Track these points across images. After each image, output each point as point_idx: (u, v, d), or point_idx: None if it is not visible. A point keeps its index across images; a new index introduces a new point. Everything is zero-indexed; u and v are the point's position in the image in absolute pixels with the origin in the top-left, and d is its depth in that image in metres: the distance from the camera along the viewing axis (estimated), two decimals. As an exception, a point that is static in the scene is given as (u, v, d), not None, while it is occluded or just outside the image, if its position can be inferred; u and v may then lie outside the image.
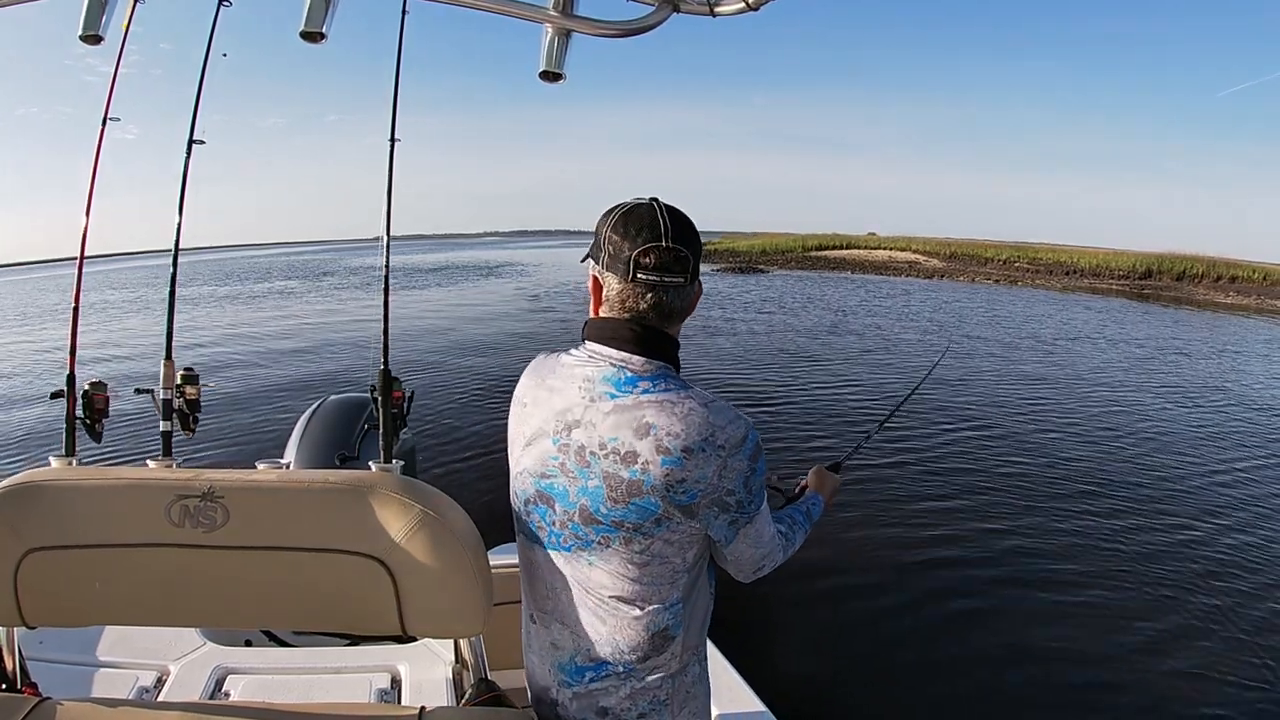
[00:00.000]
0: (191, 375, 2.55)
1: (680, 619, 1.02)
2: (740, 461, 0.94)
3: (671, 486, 0.92)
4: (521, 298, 18.83)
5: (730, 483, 0.94)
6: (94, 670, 1.71)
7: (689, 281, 0.98)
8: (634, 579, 0.98)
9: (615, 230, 0.96)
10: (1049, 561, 4.11)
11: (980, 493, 5.14)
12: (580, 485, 0.96)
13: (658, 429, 0.92)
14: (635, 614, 1.00)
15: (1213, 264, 26.83)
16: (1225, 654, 3.24)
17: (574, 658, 1.04)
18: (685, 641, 1.04)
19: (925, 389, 2.13)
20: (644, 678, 1.02)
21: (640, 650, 1.01)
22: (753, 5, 0.99)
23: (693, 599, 1.04)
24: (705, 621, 1.09)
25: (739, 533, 1.00)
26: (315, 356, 10.43)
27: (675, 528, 0.96)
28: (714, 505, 0.95)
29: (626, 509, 0.94)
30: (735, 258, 33.72)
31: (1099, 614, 3.57)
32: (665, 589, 1.00)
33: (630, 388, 0.95)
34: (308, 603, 1.10)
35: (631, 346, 0.97)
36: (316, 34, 1.05)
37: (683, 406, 0.93)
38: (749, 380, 8.76)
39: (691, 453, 0.92)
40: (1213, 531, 4.59)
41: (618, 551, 0.97)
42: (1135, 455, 6.15)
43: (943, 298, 19.91)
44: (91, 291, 19.11)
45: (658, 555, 0.97)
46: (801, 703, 2.20)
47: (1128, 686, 3.04)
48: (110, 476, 1.07)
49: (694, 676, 1.08)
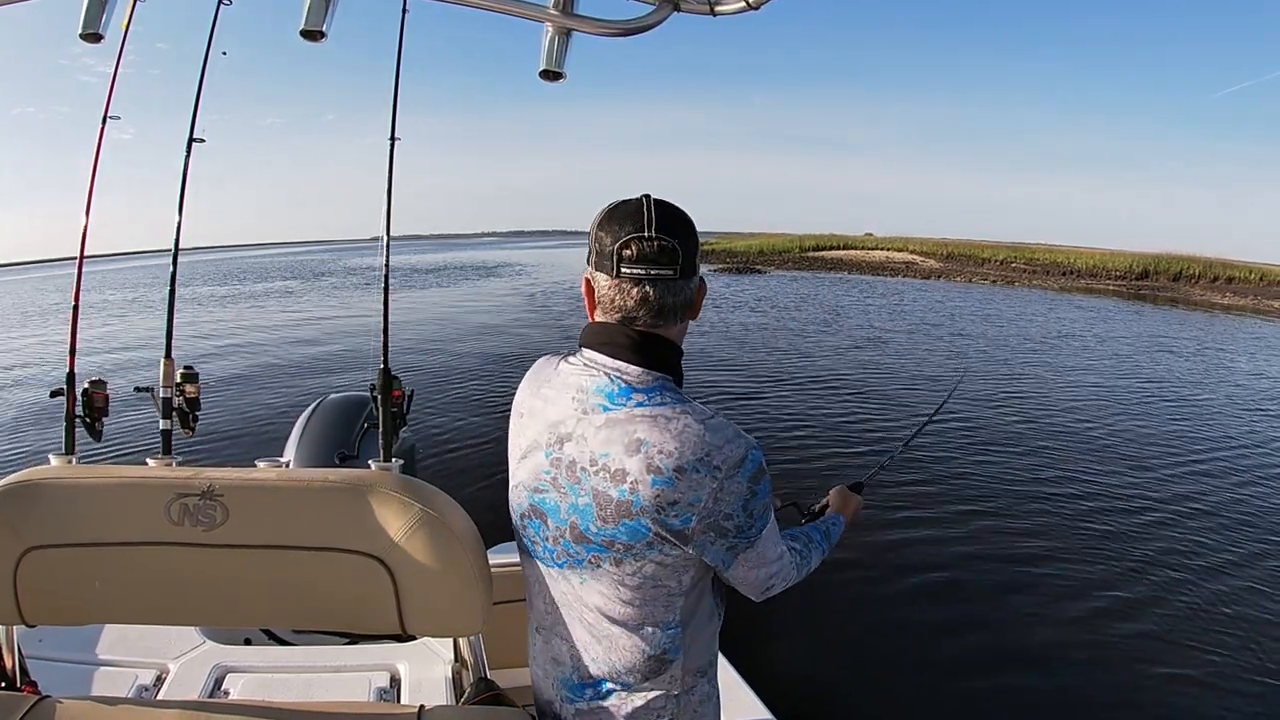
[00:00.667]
0: (191, 374, 2.55)
1: (679, 643, 0.97)
2: (738, 484, 0.88)
3: (663, 509, 0.87)
4: (520, 297, 18.85)
5: (728, 506, 0.88)
6: (93, 669, 1.71)
7: (679, 275, 0.91)
8: (626, 601, 0.94)
9: (601, 227, 0.92)
10: (1062, 567, 4.09)
11: (990, 499, 5.13)
12: (571, 502, 0.92)
13: (649, 445, 0.86)
14: (630, 636, 0.96)
15: (1209, 264, 26.92)
16: (1233, 654, 3.25)
17: (574, 674, 1.01)
18: (686, 665, 0.99)
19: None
20: (646, 696, 0.98)
21: (638, 672, 0.97)
22: (753, 4, 0.99)
23: (694, 623, 0.99)
24: (712, 644, 1.05)
25: (738, 558, 0.94)
26: (315, 355, 10.43)
27: (668, 552, 0.90)
28: (710, 530, 0.89)
29: (616, 529, 0.89)
30: (733, 258, 33.75)
31: (1109, 621, 3.57)
32: (660, 612, 0.95)
33: (624, 400, 0.90)
34: (307, 601, 1.10)
35: (628, 355, 0.92)
36: (316, 33, 1.04)
37: (678, 423, 0.88)
38: (755, 390, 8.46)
39: (684, 473, 0.86)
40: (1229, 535, 4.60)
41: (609, 572, 0.93)
42: (1157, 466, 6.06)
43: (947, 301, 19.83)
44: (89, 291, 19.07)
45: (650, 578, 0.92)
46: (805, 706, 2.20)
47: (1132, 688, 3.04)
48: (110, 475, 1.07)
49: (701, 696, 1.03)
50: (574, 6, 1.06)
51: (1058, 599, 3.75)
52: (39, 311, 19.43)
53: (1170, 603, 3.70)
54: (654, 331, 0.93)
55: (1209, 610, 3.64)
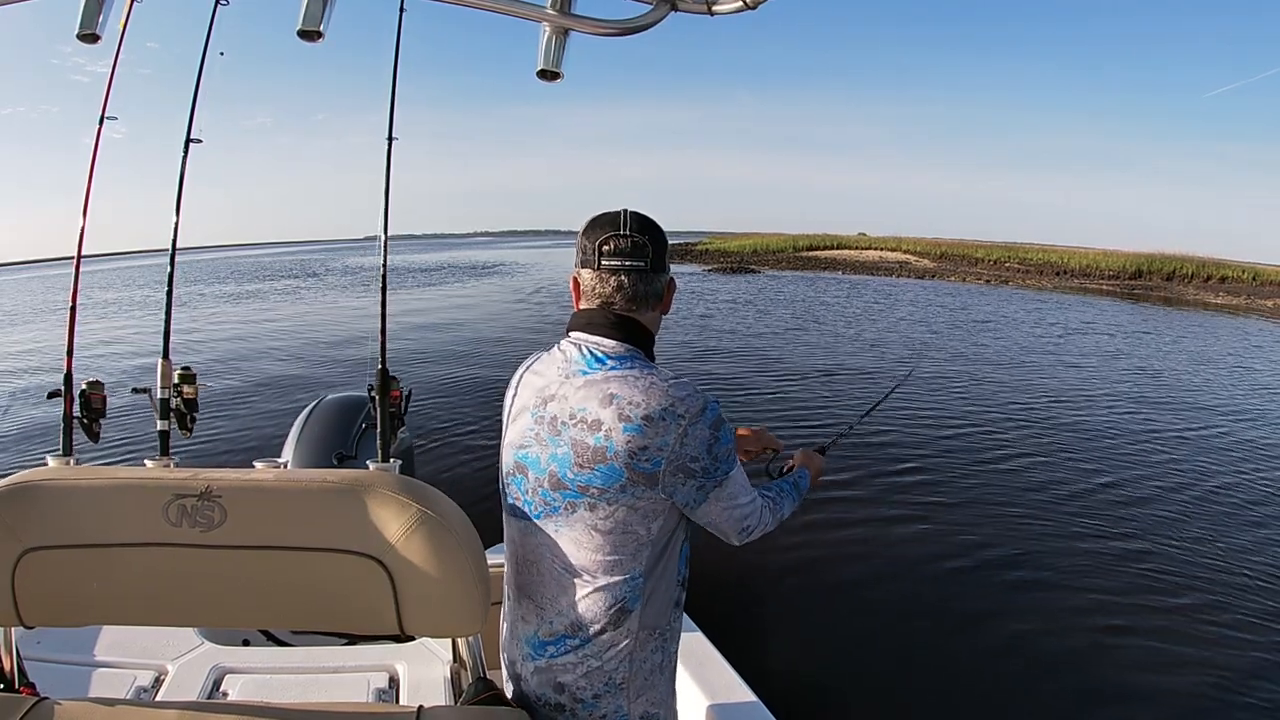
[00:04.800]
0: (189, 374, 2.54)
1: (639, 593, 1.06)
2: (701, 429, 1.01)
3: (634, 454, 0.99)
4: (516, 296, 18.84)
5: (693, 449, 1.01)
6: (92, 670, 1.71)
7: (650, 268, 1.07)
8: (596, 548, 1.04)
9: (586, 233, 1.09)
10: (1041, 553, 4.18)
11: (970, 482, 5.25)
12: (551, 452, 1.04)
13: (620, 399, 1.00)
14: (595, 584, 1.05)
15: (1202, 264, 26.99)
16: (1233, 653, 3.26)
17: (537, 631, 1.10)
18: (643, 619, 1.07)
19: (911, 391, 2.22)
20: (600, 656, 1.07)
21: (597, 623, 1.06)
22: (751, 4, 0.99)
23: (655, 575, 1.08)
24: (669, 607, 1.12)
25: (709, 496, 1.05)
26: (313, 355, 10.41)
27: (640, 495, 1.01)
28: (679, 472, 1.01)
29: (592, 473, 1.00)
30: (726, 258, 33.69)
31: (1084, 602, 3.63)
32: (627, 561, 1.05)
33: (600, 365, 1.05)
34: (305, 602, 1.10)
35: (605, 331, 1.08)
36: (314, 32, 1.04)
37: (645, 380, 1.02)
38: (739, 375, 8.98)
39: (652, 420, 0.99)
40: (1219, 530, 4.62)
41: (583, 518, 1.03)
42: (1146, 456, 6.20)
43: (930, 298, 20.01)
44: (83, 291, 19.04)
45: (621, 523, 1.03)
46: (791, 693, 2.23)
47: (1111, 675, 3.07)
48: (107, 476, 1.07)
49: (654, 665, 1.11)
50: (571, 6, 1.06)
51: (1046, 585, 3.81)
52: (32, 312, 19.37)
53: (1171, 604, 3.72)
54: (629, 315, 1.09)
55: (1211, 609, 3.66)
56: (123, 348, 11.39)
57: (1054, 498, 5.04)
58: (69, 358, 2.41)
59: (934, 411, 7.16)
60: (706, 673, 1.79)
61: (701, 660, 1.83)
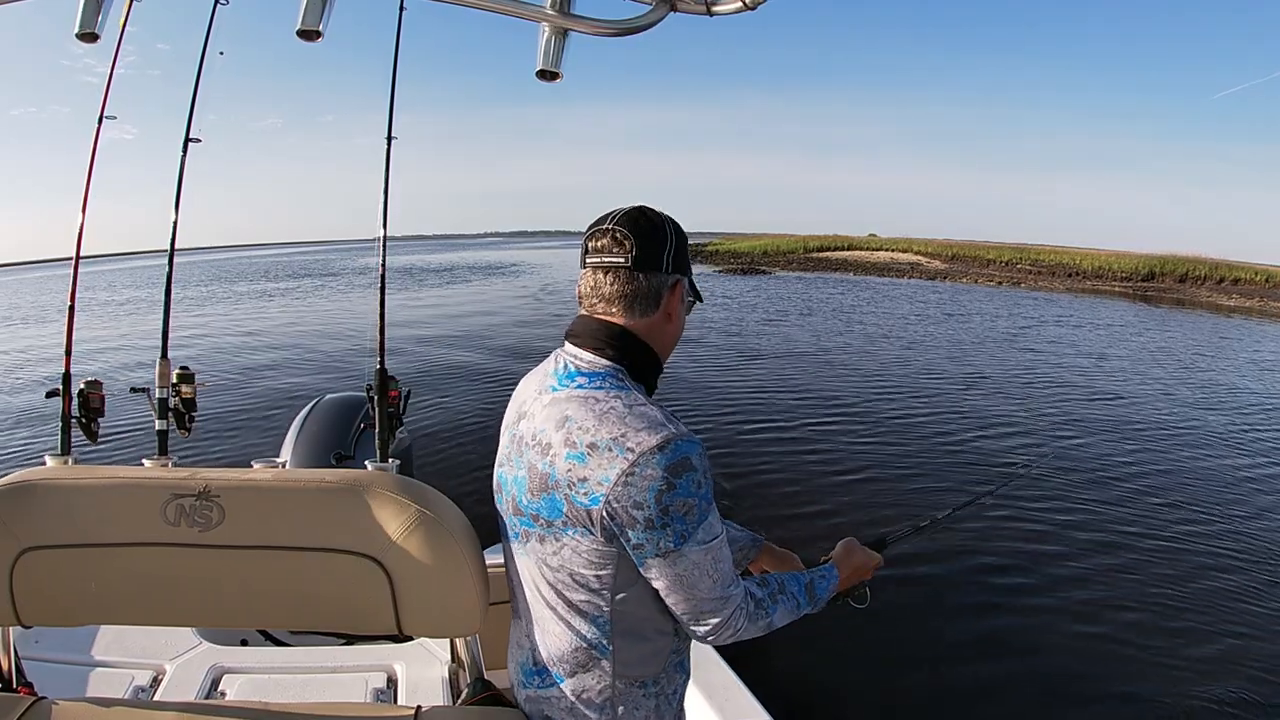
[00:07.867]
0: (187, 374, 2.54)
1: (608, 640, 0.94)
2: (652, 470, 0.83)
3: (573, 485, 0.86)
4: (520, 297, 18.84)
5: (637, 493, 0.84)
6: (90, 670, 1.70)
7: (633, 265, 0.92)
8: (550, 583, 0.94)
9: (586, 232, 0.99)
10: (1061, 567, 4.08)
11: (996, 512, 5.07)
12: (515, 474, 0.96)
13: (572, 422, 0.88)
14: (561, 620, 0.95)
15: (1215, 266, 26.77)
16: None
17: (529, 658, 1.02)
18: (618, 669, 0.95)
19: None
20: (580, 698, 0.96)
21: (567, 663, 0.96)
22: (750, 4, 0.99)
23: (627, 624, 0.94)
24: (659, 659, 0.98)
25: (649, 562, 0.88)
26: (311, 356, 10.40)
27: (580, 536, 0.89)
28: (619, 516, 0.85)
29: (539, 502, 0.91)
30: (737, 259, 33.75)
31: (1101, 617, 3.56)
32: (583, 604, 0.93)
33: (569, 381, 0.93)
34: (304, 602, 1.09)
35: (580, 340, 0.96)
36: (313, 32, 1.04)
37: (604, 404, 0.88)
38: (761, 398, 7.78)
39: (596, 449, 0.85)
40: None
41: (535, 549, 0.95)
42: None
43: (965, 304, 19.49)
44: (82, 291, 19.02)
45: (567, 564, 0.91)
46: (802, 706, 2.18)
47: (1111, 677, 3.04)
48: (106, 475, 1.07)
49: (647, 710, 0.98)
50: (571, 6, 1.06)
51: (1065, 602, 3.73)
52: (35, 311, 19.36)
53: (1170, 608, 3.71)
54: (609, 320, 0.96)
55: (1211, 610, 3.64)
56: (124, 346, 11.39)
57: (1062, 506, 4.94)
58: (67, 356, 2.41)
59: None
60: (712, 682, 1.78)
61: (709, 671, 1.81)
